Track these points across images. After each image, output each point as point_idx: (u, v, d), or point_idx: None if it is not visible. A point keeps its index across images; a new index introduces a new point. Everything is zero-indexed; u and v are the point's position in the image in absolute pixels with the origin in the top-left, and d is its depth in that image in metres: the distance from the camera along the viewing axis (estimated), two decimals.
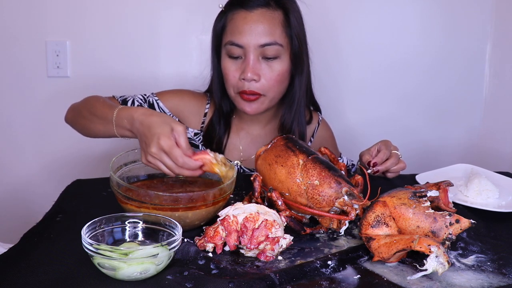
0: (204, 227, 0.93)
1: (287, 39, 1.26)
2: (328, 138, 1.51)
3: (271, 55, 1.24)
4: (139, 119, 1.02)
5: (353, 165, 1.49)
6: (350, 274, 0.81)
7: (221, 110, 1.36)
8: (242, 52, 1.24)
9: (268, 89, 1.26)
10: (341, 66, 1.89)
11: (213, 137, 1.36)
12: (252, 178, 1.02)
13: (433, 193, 0.89)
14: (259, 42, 1.22)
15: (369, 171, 1.21)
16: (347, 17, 1.86)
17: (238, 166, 1.36)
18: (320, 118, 1.49)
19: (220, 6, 1.29)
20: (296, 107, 1.33)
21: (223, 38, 1.27)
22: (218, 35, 1.30)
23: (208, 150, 1.01)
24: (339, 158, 1.48)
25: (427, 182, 0.99)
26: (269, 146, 1.08)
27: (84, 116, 1.22)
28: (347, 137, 1.90)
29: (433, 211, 0.85)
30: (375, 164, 1.20)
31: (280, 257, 0.86)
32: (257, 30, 1.22)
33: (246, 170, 1.37)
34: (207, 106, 1.40)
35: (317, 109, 1.49)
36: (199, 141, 1.38)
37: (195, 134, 1.38)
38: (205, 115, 1.39)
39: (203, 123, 1.39)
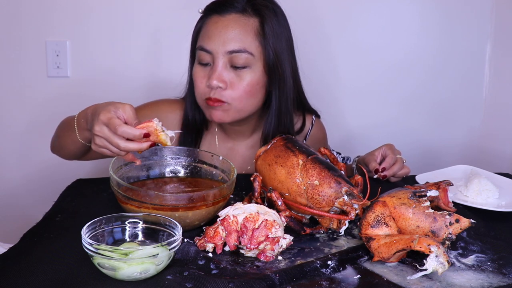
0: (204, 227, 0.93)
1: (261, 48, 1.18)
2: (320, 139, 1.47)
3: (240, 63, 1.16)
4: (91, 109, 1.00)
5: (342, 157, 1.47)
6: (350, 274, 0.81)
7: (193, 121, 1.30)
8: (211, 58, 1.18)
9: (235, 98, 1.18)
10: (340, 68, 1.89)
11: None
12: (252, 178, 1.02)
13: (432, 192, 0.89)
14: (227, 48, 1.15)
15: (375, 176, 1.21)
16: (345, 19, 1.86)
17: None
18: (314, 120, 1.43)
19: (200, 11, 1.25)
20: (275, 121, 1.25)
21: (197, 43, 1.23)
22: (193, 40, 1.26)
23: (155, 119, 0.94)
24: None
25: (427, 182, 0.99)
26: (269, 146, 1.08)
27: (58, 135, 1.22)
28: (347, 139, 1.90)
29: (433, 210, 0.85)
30: (383, 169, 1.20)
31: (280, 257, 0.86)
32: (226, 35, 1.16)
33: None
34: None
35: (313, 113, 1.44)
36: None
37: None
38: None
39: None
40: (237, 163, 1.33)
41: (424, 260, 0.77)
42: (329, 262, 0.82)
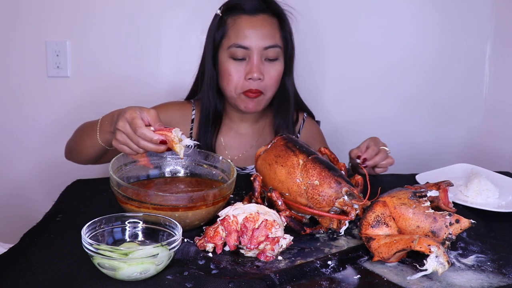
0: (204, 227, 0.93)
1: (283, 42, 1.37)
2: (316, 134, 1.54)
3: (272, 56, 1.33)
4: (117, 111, 1.07)
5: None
6: (350, 274, 0.81)
7: (216, 111, 1.41)
8: (247, 54, 1.31)
9: (269, 87, 1.34)
10: (340, 69, 1.89)
11: (204, 139, 1.41)
12: (252, 178, 1.02)
13: (433, 193, 0.89)
14: (264, 44, 1.31)
15: (358, 161, 1.22)
16: (345, 19, 1.86)
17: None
18: (305, 116, 1.52)
19: (218, 12, 1.37)
20: (289, 106, 1.42)
21: (224, 41, 1.34)
22: (217, 39, 1.36)
23: (176, 129, 0.97)
24: None
25: (427, 182, 0.99)
26: (269, 146, 1.08)
27: (76, 140, 1.29)
28: (348, 139, 1.90)
29: (433, 211, 0.85)
30: (364, 160, 1.22)
31: (280, 257, 0.86)
32: (262, 33, 1.31)
33: (238, 169, 1.39)
34: (193, 112, 1.45)
35: (306, 110, 1.54)
36: (194, 147, 1.40)
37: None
38: (192, 121, 1.45)
39: (191, 129, 1.44)
40: (239, 149, 1.45)
41: (424, 260, 0.77)
42: (329, 262, 0.82)
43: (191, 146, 0.98)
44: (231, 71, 1.32)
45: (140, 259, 0.74)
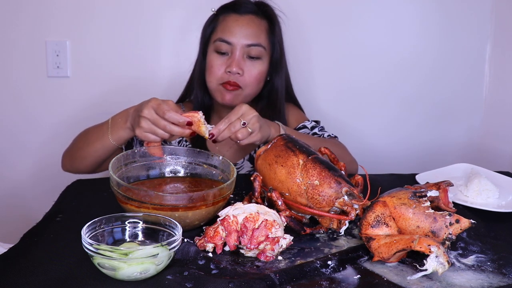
0: (204, 227, 0.93)
1: (269, 44, 1.42)
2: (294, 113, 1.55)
3: (254, 54, 1.38)
4: (133, 108, 1.15)
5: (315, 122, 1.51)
6: (350, 274, 0.81)
7: (202, 105, 1.47)
8: (230, 49, 1.37)
9: (247, 84, 1.39)
10: (340, 69, 1.89)
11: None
12: (252, 178, 1.02)
13: (433, 193, 0.90)
14: (246, 42, 1.37)
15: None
16: (345, 20, 1.86)
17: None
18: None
19: (213, 10, 1.44)
20: (277, 105, 1.45)
21: (213, 36, 1.41)
22: (207, 33, 1.44)
23: (200, 112, 1.08)
24: (308, 121, 1.49)
25: (427, 182, 0.99)
26: (269, 146, 1.08)
27: (80, 146, 1.30)
28: (349, 139, 1.90)
29: (433, 211, 0.85)
30: (212, 136, 1.09)
31: (280, 257, 0.86)
32: (246, 31, 1.37)
33: None
34: None
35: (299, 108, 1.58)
36: (187, 145, 1.45)
37: (179, 142, 1.46)
38: None
39: None
40: (230, 143, 1.48)
41: (424, 260, 0.77)
42: (329, 262, 0.82)
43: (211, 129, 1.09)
44: (213, 63, 1.38)
45: (140, 259, 0.74)
